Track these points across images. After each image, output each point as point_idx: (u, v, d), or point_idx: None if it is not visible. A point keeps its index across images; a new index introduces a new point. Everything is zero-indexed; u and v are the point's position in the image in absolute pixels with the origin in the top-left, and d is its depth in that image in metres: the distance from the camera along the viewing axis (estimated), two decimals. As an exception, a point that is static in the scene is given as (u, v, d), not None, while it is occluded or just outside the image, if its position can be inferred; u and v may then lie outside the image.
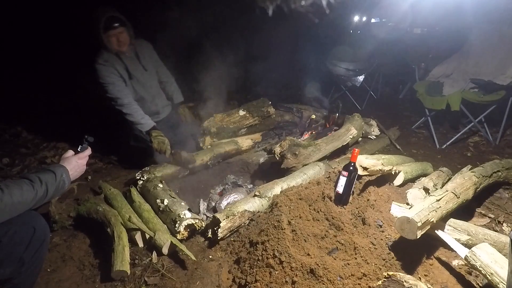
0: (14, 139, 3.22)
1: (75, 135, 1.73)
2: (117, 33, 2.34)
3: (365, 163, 1.86)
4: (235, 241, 1.76)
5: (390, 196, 1.95)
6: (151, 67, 2.65)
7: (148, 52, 2.65)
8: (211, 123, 2.90)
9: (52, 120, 3.56)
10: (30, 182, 1.13)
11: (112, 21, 2.30)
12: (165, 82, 2.79)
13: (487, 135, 3.30)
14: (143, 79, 2.57)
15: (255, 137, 2.90)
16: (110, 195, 2.06)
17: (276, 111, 3.27)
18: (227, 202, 2.12)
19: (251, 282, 1.47)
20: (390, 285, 1.28)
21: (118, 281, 1.56)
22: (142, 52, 2.58)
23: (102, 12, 2.29)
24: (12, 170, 2.68)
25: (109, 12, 2.29)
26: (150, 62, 2.64)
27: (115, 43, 2.36)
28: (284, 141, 2.27)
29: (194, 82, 3.27)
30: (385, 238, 1.61)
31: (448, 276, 1.53)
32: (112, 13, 2.30)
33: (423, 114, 3.54)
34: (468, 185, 1.78)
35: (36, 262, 1.23)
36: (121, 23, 2.34)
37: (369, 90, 4.60)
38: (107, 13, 2.28)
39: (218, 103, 3.17)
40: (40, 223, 1.22)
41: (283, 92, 4.91)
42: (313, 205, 1.77)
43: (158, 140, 2.34)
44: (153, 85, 2.67)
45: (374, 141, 3.10)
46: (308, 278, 1.40)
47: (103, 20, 2.27)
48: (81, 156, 1.39)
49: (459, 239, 1.64)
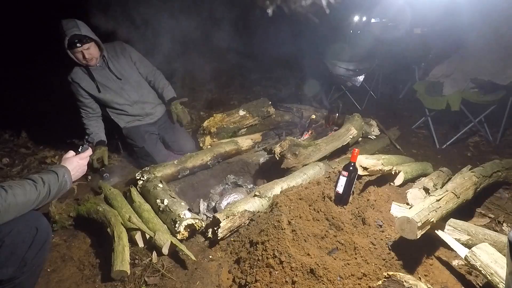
0: (14, 139, 3.22)
1: (75, 135, 1.74)
2: (82, 50, 2.27)
3: (365, 163, 1.86)
4: (235, 241, 1.76)
5: (390, 196, 1.95)
6: (128, 73, 2.56)
7: (123, 57, 2.56)
8: (211, 123, 2.89)
9: (52, 120, 3.56)
10: (33, 183, 1.15)
11: (76, 40, 2.22)
12: (153, 81, 2.71)
13: (487, 135, 3.30)
14: (116, 88, 2.52)
15: (255, 137, 2.90)
16: (110, 195, 2.06)
17: (276, 111, 3.27)
18: (227, 202, 2.12)
19: (251, 282, 1.47)
20: (390, 285, 1.28)
21: (118, 281, 1.56)
22: (115, 59, 2.51)
23: (65, 30, 2.19)
24: (12, 170, 2.68)
25: (73, 30, 2.19)
26: (126, 67, 2.56)
27: (81, 59, 2.32)
28: (284, 141, 2.27)
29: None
30: (385, 238, 1.61)
31: (448, 276, 1.54)
32: (75, 31, 2.19)
33: (423, 114, 3.54)
34: (468, 185, 1.78)
35: (38, 262, 1.23)
36: (85, 40, 2.25)
37: (369, 90, 4.60)
38: (71, 31, 2.18)
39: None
40: (42, 223, 1.23)
41: (283, 92, 4.91)
42: (313, 205, 1.77)
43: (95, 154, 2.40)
44: (133, 90, 2.59)
45: (374, 141, 3.10)
46: (308, 278, 1.40)
47: (66, 39, 2.19)
48: (82, 156, 1.40)
49: (459, 239, 1.64)
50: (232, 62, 5.77)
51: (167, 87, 2.73)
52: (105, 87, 2.47)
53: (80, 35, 2.21)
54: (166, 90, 2.72)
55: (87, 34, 2.25)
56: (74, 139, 2.92)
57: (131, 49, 2.61)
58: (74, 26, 2.20)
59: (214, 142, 2.77)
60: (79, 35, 2.21)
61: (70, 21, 2.23)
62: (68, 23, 2.21)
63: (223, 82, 5.32)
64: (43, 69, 4.44)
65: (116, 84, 2.52)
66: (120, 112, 2.58)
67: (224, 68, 5.95)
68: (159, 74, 2.73)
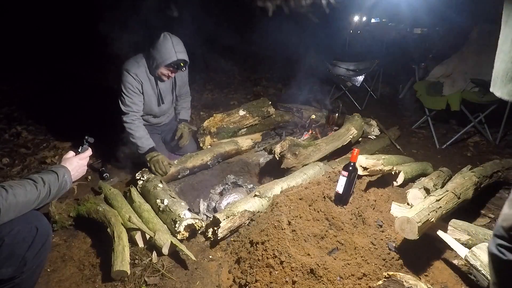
0: (14, 139, 3.22)
1: (75, 135, 1.74)
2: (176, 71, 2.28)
3: (365, 163, 1.86)
4: (235, 241, 1.76)
5: (390, 196, 1.95)
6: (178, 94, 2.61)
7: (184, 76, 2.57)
8: (211, 123, 2.89)
9: (52, 120, 3.56)
10: (33, 183, 1.15)
11: (181, 63, 2.21)
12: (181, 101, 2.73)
13: (487, 135, 3.30)
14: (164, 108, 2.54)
15: (255, 137, 2.90)
16: (110, 195, 2.06)
17: (276, 111, 3.27)
18: (227, 202, 2.12)
19: (251, 282, 1.47)
20: (390, 285, 1.28)
21: (118, 281, 1.56)
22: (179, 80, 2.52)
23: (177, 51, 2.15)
24: (12, 170, 2.67)
25: (182, 54, 2.18)
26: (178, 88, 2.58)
27: (165, 77, 2.30)
28: (284, 141, 2.27)
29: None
30: (385, 238, 1.61)
31: (448, 276, 1.54)
32: (184, 56, 2.19)
33: (423, 114, 3.55)
34: (468, 185, 1.78)
35: (38, 261, 1.23)
36: (186, 65, 2.26)
37: (369, 90, 4.60)
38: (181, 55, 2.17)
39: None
40: (42, 223, 1.23)
41: (283, 92, 4.92)
42: (313, 205, 1.77)
43: (153, 163, 2.23)
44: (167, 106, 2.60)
45: (374, 141, 3.10)
46: (308, 278, 1.40)
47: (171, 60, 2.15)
48: (82, 156, 1.41)
49: (459, 239, 1.64)
50: (231, 62, 5.77)
51: (187, 110, 2.78)
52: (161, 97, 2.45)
53: (185, 61, 2.23)
54: (184, 111, 2.75)
55: (188, 60, 2.25)
56: (73, 140, 2.92)
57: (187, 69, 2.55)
58: (184, 51, 2.21)
59: (214, 142, 2.77)
60: (184, 60, 2.22)
61: (179, 41, 2.21)
62: (179, 44, 2.19)
63: (223, 82, 5.32)
64: (43, 69, 4.44)
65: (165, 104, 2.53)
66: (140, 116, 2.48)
67: (223, 67, 5.96)
68: (189, 97, 2.78)
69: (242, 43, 4.21)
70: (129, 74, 2.24)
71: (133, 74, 2.25)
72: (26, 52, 5.50)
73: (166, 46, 2.16)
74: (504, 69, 0.88)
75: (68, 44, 5.91)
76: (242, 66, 6.09)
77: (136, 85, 2.27)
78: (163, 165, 2.21)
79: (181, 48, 2.20)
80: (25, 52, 5.50)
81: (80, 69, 5.14)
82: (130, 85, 2.25)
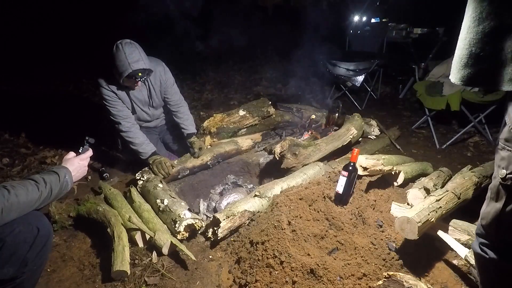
0: (14, 139, 3.22)
1: (75, 135, 1.74)
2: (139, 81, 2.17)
3: (365, 163, 1.86)
4: (235, 241, 1.76)
5: (390, 196, 1.95)
6: (158, 98, 2.46)
7: (159, 82, 2.39)
8: (211, 123, 2.89)
9: (53, 120, 3.56)
10: (35, 183, 1.16)
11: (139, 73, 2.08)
12: (176, 112, 2.54)
13: (487, 135, 3.30)
14: (145, 116, 2.50)
15: (255, 137, 2.90)
16: (110, 195, 2.06)
17: (276, 111, 3.27)
18: (227, 202, 2.12)
19: (251, 282, 1.47)
20: (390, 285, 1.28)
21: (118, 281, 1.57)
22: (154, 85, 2.37)
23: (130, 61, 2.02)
24: (12, 170, 2.67)
25: (139, 63, 2.04)
26: (159, 94, 2.44)
27: (132, 86, 2.23)
28: (284, 141, 2.27)
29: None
30: (385, 238, 1.61)
31: (448, 276, 1.54)
32: (141, 65, 2.05)
33: (423, 114, 3.54)
34: (468, 185, 1.78)
35: (39, 262, 1.24)
36: (148, 73, 2.15)
37: (369, 90, 4.60)
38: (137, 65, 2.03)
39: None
40: (44, 223, 1.23)
41: (283, 92, 4.92)
42: (313, 205, 1.77)
43: (156, 165, 2.23)
44: (155, 113, 2.56)
45: (374, 141, 3.10)
46: (308, 278, 1.40)
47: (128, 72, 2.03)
48: (82, 157, 1.41)
49: (459, 239, 1.64)
50: (232, 61, 5.77)
51: (190, 120, 2.61)
52: (136, 106, 2.39)
53: (144, 69, 2.09)
54: (188, 124, 2.58)
55: (150, 67, 2.13)
56: (74, 139, 2.91)
57: (169, 74, 2.43)
58: (140, 59, 2.05)
59: (214, 142, 2.77)
60: (143, 69, 2.08)
61: (133, 49, 2.05)
62: (132, 54, 2.03)
63: (223, 82, 5.32)
64: (43, 69, 4.44)
65: (147, 114, 2.50)
66: (134, 121, 2.45)
67: (224, 67, 5.95)
68: (185, 105, 2.60)
69: (242, 43, 4.20)
70: (102, 87, 2.21)
71: (105, 86, 2.21)
72: (26, 52, 5.50)
73: (119, 59, 2.03)
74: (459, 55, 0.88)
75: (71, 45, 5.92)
76: (242, 66, 6.08)
77: (112, 95, 2.23)
78: (166, 167, 2.22)
79: (136, 57, 2.04)
80: (26, 52, 5.50)
81: (80, 69, 5.14)
82: (107, 96, 2.23)
